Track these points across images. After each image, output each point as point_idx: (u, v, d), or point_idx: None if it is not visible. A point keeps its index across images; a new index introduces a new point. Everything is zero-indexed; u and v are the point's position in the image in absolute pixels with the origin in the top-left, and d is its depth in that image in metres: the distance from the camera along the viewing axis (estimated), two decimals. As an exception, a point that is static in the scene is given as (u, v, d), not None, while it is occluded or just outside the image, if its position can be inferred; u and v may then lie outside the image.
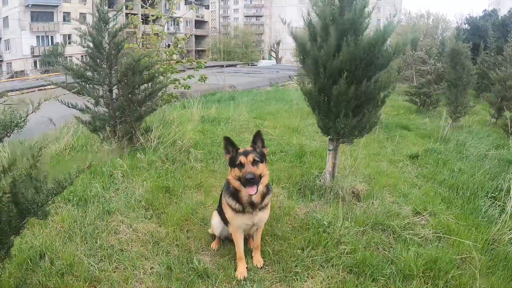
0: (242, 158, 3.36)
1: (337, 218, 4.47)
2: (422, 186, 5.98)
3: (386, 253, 4.01)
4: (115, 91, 6.60)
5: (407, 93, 13.97)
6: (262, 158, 3.47)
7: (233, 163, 3.44)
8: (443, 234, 4.37)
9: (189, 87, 10.61)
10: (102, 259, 3.72)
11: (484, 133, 10.27)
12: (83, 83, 6.36)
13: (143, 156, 5.97)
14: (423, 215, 4.81)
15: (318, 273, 3.62)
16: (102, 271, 3.54)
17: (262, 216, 3.63)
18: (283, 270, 3.66)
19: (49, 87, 13.10)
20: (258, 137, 3.52)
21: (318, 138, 8.13)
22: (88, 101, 6.50)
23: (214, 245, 4.05)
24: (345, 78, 4.58)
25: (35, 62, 49.24)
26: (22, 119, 2.05)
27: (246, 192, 3.37)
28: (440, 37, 30.02)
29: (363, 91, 4.74)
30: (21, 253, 3.60)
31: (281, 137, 8.02)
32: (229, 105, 11.30)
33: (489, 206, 5.27)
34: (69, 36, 49.61)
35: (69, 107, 6.18)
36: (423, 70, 14.84)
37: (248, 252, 3.90)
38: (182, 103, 10.74)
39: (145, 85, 6.63)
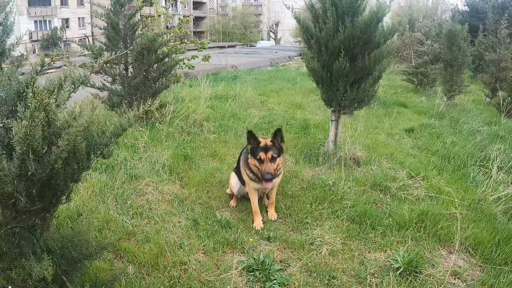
0: (262, 155, 3.79)
1: (340, 179, 5.02)
2: (416, 155, 6.50)
3: (384, 208, 4.56)
4: (130, 69, 7.03)
5: (405, 73, 14.31)
6: (280, 152, 3.90)
7: (254, 154, 3.87)
8: (434, 195, 4.90)
9: (193, 67, 10.91)
10: (133, 217, 4.19)
11: (477, 111, 10.71)
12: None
13: (163, 127, 6.42)
14: (417, 179, 5.34)
15: (325, 223, 4.17)
16: (135, 226, 4.00)
17: (275, 182, 4.09)
18: (295, 221, 4.19)
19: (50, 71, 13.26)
20: (278, 134, 3.90)
21: (320, 113, 8.64)
22: (105, 80, 6.94)
23: (232, 202, 4.55)
24: (343, 56, 5.10)
25: (33, 47, 48.59)
26: (86, 77, 2.34)
27: (263, 184, 3.93)
28: (439, 19, 30.08)
29: (360, 66, 5.25)
30: (60, 214, 3.94)
31: (286, 112, 8.50)
32: (234, 84, 11.70)
33: (477, 173, 5.79)
34: (67, 20, 49.30)
35: (87, 85, 6.55)
36: (420, 51, 15.18)
37: (263, 208, 4.41)
38: (189, 82, 11.13)
39: (157, 64, 7.06)
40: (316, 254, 3.66)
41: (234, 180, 4.48)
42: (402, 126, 8.20)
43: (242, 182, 4.35)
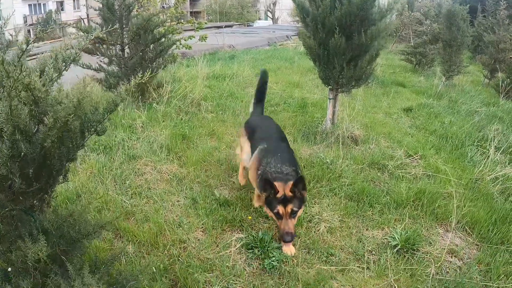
0: (280, 209, 3.16)
1: (338, 157, 5.03)
2: (414, 134, 6.51)
3: (382, 186, 4.58)
4: (127, 50, 6.95)
5: (404, 53, 14.23)
6: (301, 204, 3.27)
7: (270, 205, 3.26)
8: (431, 173, 4.92)
9: (190, 47, 10.82)
10: (132, 196, 4.18)
11: (476, 92, 10.70)
12: (97, 44, 6.72)
13: (160, 107, 6.40)
14: (415, 158, 5.35)
15: (323, 200, 4.19)
16: (134, 206, 4.00)
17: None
18: (293, 199, 4.20)
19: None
20: (300, 183, 3.21)
21: (318, 91, 8.59)
22: (101, 61, 6.87)
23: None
24: (338, 33, 5.05)
25: (29, 31, 48.03)
26: (78, 54, 2.29)
27: (282, 244, 3.36)
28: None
29: (356, 43, 5.20)
30: (59, 196, 3.91)
31: (283, 91, 8.46)
32: (231, 63, 11.61)
33: (475, 153, 5.81)
34: (62, 3, 48.54)
35: (84, 67, 6.42)
36: (419, 30, 15.08)
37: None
38: (186, 62, 11.04)
39: (154, 44, 6.97)
40: (314, 232, 3.69)
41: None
42: (400, 106, 8.19)
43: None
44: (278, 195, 3.17)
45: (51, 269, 2.16)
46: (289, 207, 3.15)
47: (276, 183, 3.21)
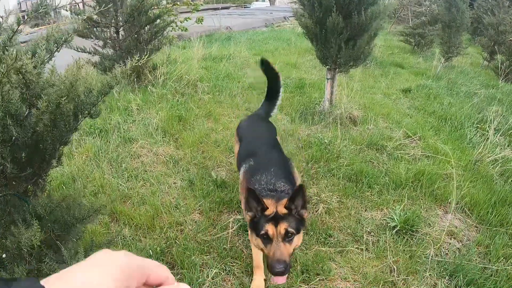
0: (269, 228, 2.26)
1: (336, 137, 4.97)
2: (413, 115, 6.45)
3: (380, 167, 4.53)
4: (121, 32, 6.81)
5: (402, 34, 14.05)
6: (300, 226, 2.34)
7: (255, 227, 2.35)
8: (431, 154, 4.87)
9: (186, 29, 10.70)
10: (129, 179, 4.13)
11: (475, 73, 10.60)
12: (90, 27, 6.58)
13: (155, 89, 6.30)
14: (413, 139, 5.30)
15: (321, 181, 4.15)
16: (130, 189, 3.96)
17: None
18: (290, 180, 4.15)
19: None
20: (299, 194, 2.31)
21: (316, 72, 8.51)
22: (96, 44, 6.73)
23: None
24: (335, 11, 4.96)
25: (23, 17, 47.23)
26: (70, 35, 2.25)
27: (272, 279, 2.33)
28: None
29: (356, 23, 5.11)
30: (54, 181, 3.89)
31: (281, 71, 8.32)
32: (228, 45, 11.47)
33: (474, 134, 5.76)
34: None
35: (78, 51, 6.28)
36: (418, 11, 14.89)
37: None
38: (182, 44, 10.91)
39: (149, 25, 6.83)
40: (313, 212, 3.65)
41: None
42: (398, 87, 8.10)
43: None
44: (267, 212, 2.32)
45: (46, 254, 2.13)
46: (282, 226, 2.25)
47: (265, 200, 2.39)
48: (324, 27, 5.20)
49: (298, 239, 2.35)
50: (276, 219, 2.27)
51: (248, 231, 2.62)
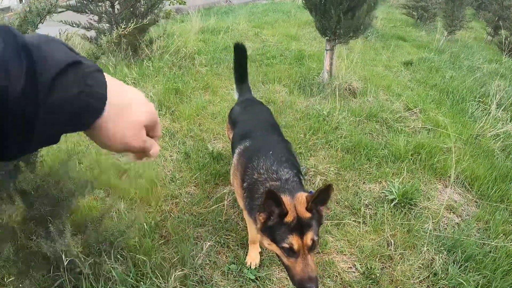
0: (295, 241, 1.90)
1: (335, 109, 4.87)
2: (414, 88, 6.32)
3: (379, 139, 4.45)
4: (117, 6, 6.60)
5: (405, 7, 13.75)
6: (320, 224, 2.03)
7: (271, 233, 1.98)
8: (431, 127, 4.78)
9: (184, 2, 10.50)
10: (125, 154, 4.04)
11: (478, 48, 10.37)
12: (84, 1, 6.37)
13: (151, 63, 6.14)
14: (414, 111, 5.20)
15: (319, 153, 4.07)
16: (126, 163, 3.80)
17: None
18: (288, 151, 4.07)
19: None
20: (324, 195, 1.94)
21: (316, 44, 8.31)
22: (91, 19, 6.53)
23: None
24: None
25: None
26: (53, 5, 2.13)
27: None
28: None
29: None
30: (49, 156, 3.80)
31: (280, 43, 8.18)
32: (227, 17, 11.24)
33: (476, 108, 5.66)
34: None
35: (73, 26, 6.09)
36: (421, -17, 14.56)
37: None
38: (180, 18, 10.69)
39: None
40: (310, 185, 3.59)
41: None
42: (400, 59, 7.93)
43: None
44: (288, 218, 1.92)
45: (35, 231, 2.08)
46: (309, 237, 1.91)
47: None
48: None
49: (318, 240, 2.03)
50: (301, 228, 1.90)
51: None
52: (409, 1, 13.74)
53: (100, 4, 6.41)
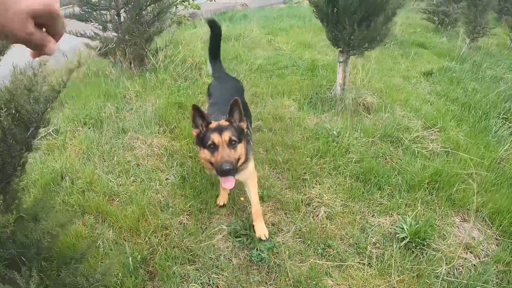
0: (215, 137, 2.55)
1: (346, 128, 4.54)
2: (434, 102, 5.93)
3: (394, 164, 4.09)
4: (122, 15, 6.40)
5: (425, 11, 13.36)
6: (241, 136, 2.66)
7: (202, 142, 2.65)
8: (451, 149, 4.41)
9: (199, 7, 10.32)
10: (120, 175, 3.84)
11: (502, 56, 9.85)
12: (89, 10, 6.18)
13: (153, 75, 5.90)
14: (433, 130, 4.83)
15: (325, 180, 3.75)
16: (120, 185, 3.68)
17: (243, 177, 2.94)
18: (292, 177, 3.77)
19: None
20: (235, 107, 2.64)
21: (331, 52, 7.97)
22: (96, 28, 6.34)
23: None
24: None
25: None
26: None
27: (221, 184, 2.71)
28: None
29: (371, 2, 4.62)
30: (43, 177, 3.70)
31: (293, 51, 7.87)
32: (239, 23, 10.99)
33: (500, 126, 5.24)
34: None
35: (78, 36, 5.95)
36: (443, -13, 14.08)
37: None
38: (193, 23, 10.52)
39: (153, 5, 6.39)
40: (312, 217, 3.29)
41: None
42: (419, 69, 7.54)
43: None
44: (212, 125, 2.63)
45: (5, 274, 1.91)
46: (226, 134, 2.55)
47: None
48: (336, 6, 4.71)
49: (241, 148, 2.65)
50: (220, 130, 2.59)
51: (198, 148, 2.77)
52: (430, 6, 13.31)
53: (104, 12, 6.22)
